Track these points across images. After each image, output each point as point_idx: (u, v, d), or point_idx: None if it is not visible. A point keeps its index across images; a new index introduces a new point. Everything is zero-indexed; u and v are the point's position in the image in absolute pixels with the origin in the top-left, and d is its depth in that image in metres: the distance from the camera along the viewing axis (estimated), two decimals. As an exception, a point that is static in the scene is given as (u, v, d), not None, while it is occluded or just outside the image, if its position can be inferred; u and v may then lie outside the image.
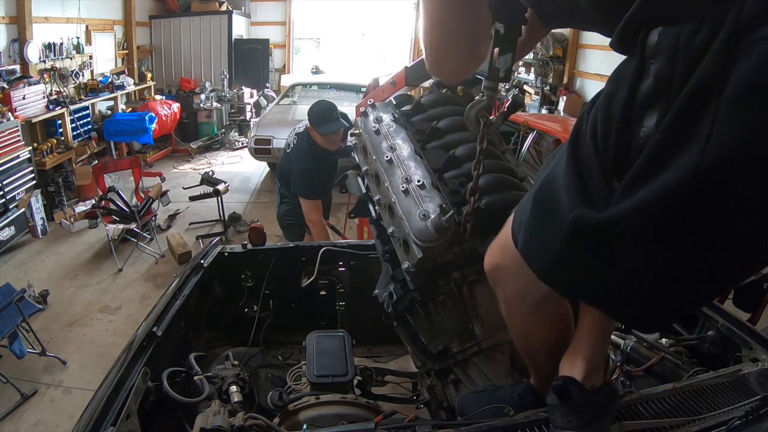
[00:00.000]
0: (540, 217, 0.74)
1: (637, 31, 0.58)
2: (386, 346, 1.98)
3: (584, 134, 0.65)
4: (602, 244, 0.64)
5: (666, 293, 0.67)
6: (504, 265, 0.94)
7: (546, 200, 0.72)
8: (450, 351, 1.32)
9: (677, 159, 0.53)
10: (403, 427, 1.03)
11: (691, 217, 0.56)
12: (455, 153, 1.43)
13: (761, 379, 1.16)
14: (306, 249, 2.01)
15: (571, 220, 0.64)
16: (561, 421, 0.91)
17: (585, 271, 0.70)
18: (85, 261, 4.47)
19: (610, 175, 0.62)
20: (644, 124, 0.58)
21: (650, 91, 0.57)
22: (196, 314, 1.75)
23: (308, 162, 2.93)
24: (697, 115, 0.52)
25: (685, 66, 0.53)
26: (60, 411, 2.76)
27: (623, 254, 0.63)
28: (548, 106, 6.84)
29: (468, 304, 1.32)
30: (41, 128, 5.40)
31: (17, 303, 2.85)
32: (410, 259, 1.30)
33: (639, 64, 0.58)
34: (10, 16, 5.23)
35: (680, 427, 0.98)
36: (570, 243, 0.67)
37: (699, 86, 0.52)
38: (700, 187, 0.52)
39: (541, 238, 0.74)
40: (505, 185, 1.36)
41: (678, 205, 0.54)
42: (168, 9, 8.65)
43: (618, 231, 0.60)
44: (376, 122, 1.61)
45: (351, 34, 10.66)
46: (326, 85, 7.44)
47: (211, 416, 1.11)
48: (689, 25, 0.53)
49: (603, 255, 0.65)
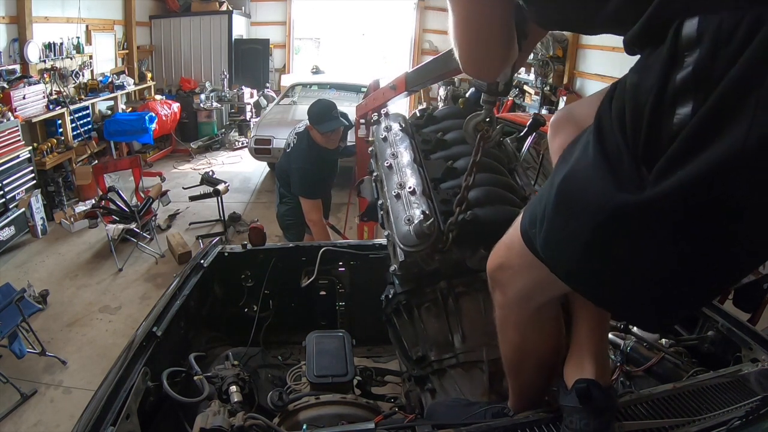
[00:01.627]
0: (567, 212, 0.72)
1: (668, 22, 0.58)
2: (386, 346, 1.98)
3: (609, 127, 0.65)
4: (640, 230, 0.64)
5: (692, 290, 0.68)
6: (509, 265, 0.92)
7: (572, 193, 0.71)
8: (428, 359, 1.33)
9: (719, 141, 0.54)
10: (403, 427, 1.03)
11: (735, 193, 0.57)
12: (454, 164, 1.45)
13: (761, 379, 1.16)
14: (306, 249, 2.00)
15: (610, 208, 0.64)
16: (579, 424, 0.90)
17: (614, 270, 0.70)
18: (85, 261, 4.47)
19: (640, 163, 0.62)
20: (677, 112, 0.58)
21: (687, 80, 0.57)
22: (196, 314, 1.75)
23: (308, 161, 2.92)
24: (740, 103, 0.53)
25: (727, 57, 0.54)
26: (60, 411, 2.76)
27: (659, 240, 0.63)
28: (548, 106, 6.85)
29: (451, 315, 1.33)
30: (41, 128, 5.40)
31: (17, 303, 2.85)
32: (395, 262, 1.33)
33: (671, 55, 0.58)
34: (10, 15, 5.23)
35: (680, 427, 0.98)
36: (604, 234, 0.67)
37: (742, 76, 0.52)
38: (747, 163, 0.54)
39: (569, 234, 0.72)
40: (496, 199, 1.36)
41: (726, 177, 0.56)
42: (168, 9, 8.64)
43: (659, 212, 0.61)
44: (386, 130, 1.67)
45: (351, 34, 10.66)
46: (326, 85, 7.44)
47: (211, 416, 1.11)
48: (732, 15, 0.53)
49: (638, 243, 0.65)
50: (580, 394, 0.90)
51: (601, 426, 0.89)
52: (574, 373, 0.95)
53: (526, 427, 0.98)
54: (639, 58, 0.64)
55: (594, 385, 0.91)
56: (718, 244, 0.62)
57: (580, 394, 0.90)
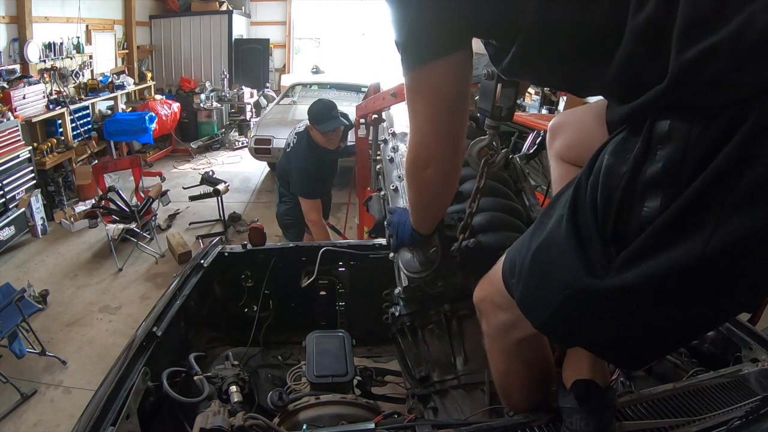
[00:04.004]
0: (539, 279, 0.76)
1: (646, 116, 0.60)
2: (386, 346, 1.97)
3: (584, 203, 0.68)
4: (602, 308, 0.69)
5: (662, 342, 0.73)
6: (490, 299, 0.95)
7: (545, 263, 0.75)
8: (431, 379, 1.34)
9: (682, 244, 0.57)
10: (403, 427, 1.03)
11: (693, 289, 0.60)
12: (460, 188, 1.44)
13: (761, 379, 1.16)
14: (306, 249, 2.00)
15: (576, 288, 0.68)
16: (579, 425, 0.90)
17: (582, 328, 0.75)
18: (85, 261, 4.47)
19: (608, 245, 0.65)
20: (646, 204, 0.60)
21: (657, 175, 0.59)
22: (196, 314, 1.75)
23: (308, 161, 2.92)
24: (706, 206, 0.55)
25: (697, 157, 0.55)
26: (60, 411, 2.76)
27: (622, 316, 0.68)
28: (548, 106, 6.83)
29: (454, 338, 1.34)
30: (41, 128, 5.40)
31: (17, 303, 2.85)
32: (400, 285, 1.36)
33: (645, 147, 0.60)
34: (10, 15, 5.23)
35: (680, 427, 0.98)
36: (571, 305, 0.71)
37: (711, 179, 0.54)
38: (703, 270, 0.57)
39: (540, 297, 0.76)
40: (500, 225, 1.36)
41: (683, 280, 0.59)
42: (168, 9, 8.64)
43: (620, 298, 0.64)
44: (393, 151, 1.68)
45: (351, 34, 10.64)
46: (326, 85, 7.43)
47: (211, 416, 1.11)
48: (703, 118, 0.55)
49: (602, 317, 0.70)
50: (578, 395, 0.91)
51: (600, 426, 0.89)
52: (573, 375, 0.96)
53: (526, 427, 0.98)
54: (617, 138, 0.66)
55: (592, 385, 0.92)
56: (678, 323, 0.67)
57: (578, 395, 0.91)
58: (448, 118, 0.87)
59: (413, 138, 0.92)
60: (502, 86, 1.06)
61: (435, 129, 0.89)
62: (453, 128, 0.89)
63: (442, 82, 0.82)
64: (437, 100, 0.85)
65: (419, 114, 0.88)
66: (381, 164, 1.77)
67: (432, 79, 0.82)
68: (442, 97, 0.84)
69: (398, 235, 1.29)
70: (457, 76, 0.82)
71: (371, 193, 2.32)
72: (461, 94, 0.85)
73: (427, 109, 0.86)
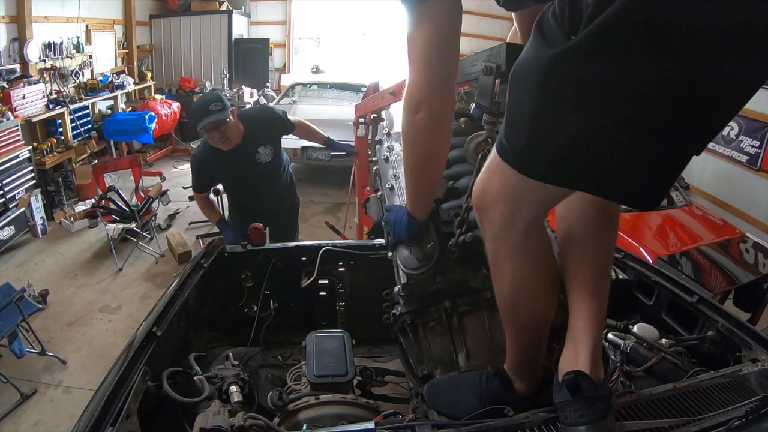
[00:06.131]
0: (516, 89, 0.82)
1: None
2: (386, 346, 1.98)
3: (547, 20, 0.77)
4: (576, 78, 0.72)
5: (647, 149, 0.73)
6: (490, 187, 0.95)
7: (519, 73, 0.81)
8: (434, 377, 1.33)
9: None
10: (403, 427, 1.03)
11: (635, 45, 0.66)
12: (455, 184, 1.45)
13: (761, 379, 1.16)
14: (306, 249, 2.00)
15: (547, 59, 0.73)
16: (573, 417, 0.90)
17: (563, 131, 0.75)
18: (85, 261, 4.48)
19: (569, 35, 0.72)
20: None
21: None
22: (196, 314, 1.75)
23: (198, 154, 2.92)
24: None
25: None
26: (60, 411, 2.76)
27: (595, 88, 0.71)
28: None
29: (455, 334, 1.34)
30: (41, 128, 5.40)
31: (17, 302, 2.85)
32: (399, 283, 1.37)
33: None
34: (10, 15, 5.24)
35: (680, 427, 0.97)
36: (547, 87, 0.75)
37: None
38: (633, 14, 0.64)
39: (519, 106, 0.81)
40: None
41: (624, 29, 0.65)
42: (168, 8, 8.64)
43: (586, 54, 0.69)
44: (388, 151, 1.69)
45: (351, 34, 10.65)
46: (326, 85, 7.43)
47: (211, 416, 1.11)
48: None
49: (577, 94, 0.72)
50: (569, 386, 0.92)
51: (595, 416, 0.89)
52: (566, 367, 0.96)
53: (526, 427, 0.98)
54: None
55: (582, 375, 0.92)
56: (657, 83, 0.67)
57: (569, 386, 0.92)
58: (438, 63, 1.02)
59: (408, 85, 1.06)
60: (501, 82, 1.06)
61: (427, 73, 1.03)
62: (442, 73, 1.04)
63: (437, 21, 0.99)
64: (432, 41, 1.00)
65: (415, 58, 1.03)
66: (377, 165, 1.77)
67: (429, 16, 0.98)
68: (436, 38, 1.00)
69: (395, 231, 1.30)
70: (449, 17, 1.00)
71: (370, 193, 2.32)
72: (451, 39, 1.02)
73: (423, 52, 1.02)
